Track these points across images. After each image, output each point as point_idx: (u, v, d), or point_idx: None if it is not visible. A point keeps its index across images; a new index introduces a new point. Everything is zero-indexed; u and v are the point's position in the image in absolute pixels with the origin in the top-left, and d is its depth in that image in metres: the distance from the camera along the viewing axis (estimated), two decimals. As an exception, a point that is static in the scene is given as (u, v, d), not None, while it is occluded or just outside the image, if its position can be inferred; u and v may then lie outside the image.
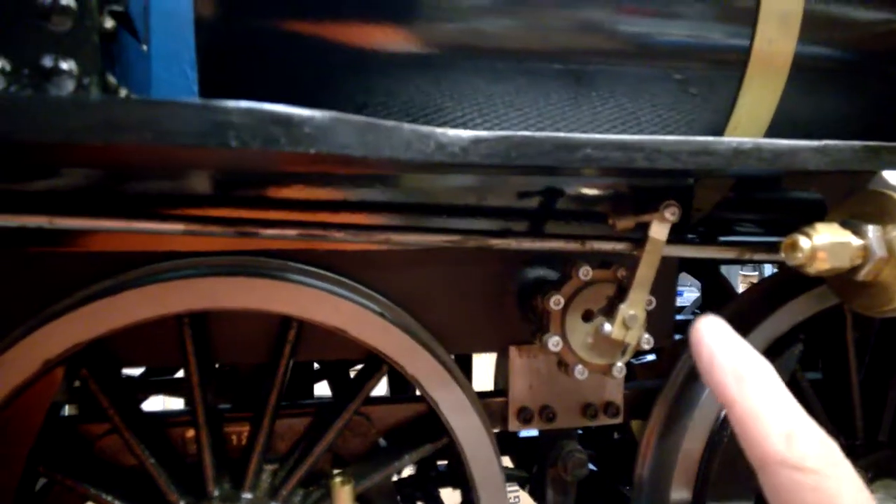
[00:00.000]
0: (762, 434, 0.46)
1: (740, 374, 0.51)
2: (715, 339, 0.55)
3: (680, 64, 1.00)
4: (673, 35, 0.98)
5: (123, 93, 0.64)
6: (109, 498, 0.89)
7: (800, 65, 1.03)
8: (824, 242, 0.78)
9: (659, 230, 0.87)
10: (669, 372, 1.12)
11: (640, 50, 0.98)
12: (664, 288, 1.06)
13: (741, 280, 4.69)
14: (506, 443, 1.46)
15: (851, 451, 1.14)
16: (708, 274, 1.58)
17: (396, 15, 0.87)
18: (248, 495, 0.92)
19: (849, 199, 0.85)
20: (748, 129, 1.07)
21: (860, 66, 1.11)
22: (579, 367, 0.90)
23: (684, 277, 1.67)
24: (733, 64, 1.01)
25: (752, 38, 1.00)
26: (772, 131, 1.07)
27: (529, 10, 0.90)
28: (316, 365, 1.67)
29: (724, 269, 1.73)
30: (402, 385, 1.58)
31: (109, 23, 0.54)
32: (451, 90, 0.93)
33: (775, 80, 1.04)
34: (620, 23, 0.94)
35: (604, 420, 1.10)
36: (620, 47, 0.97)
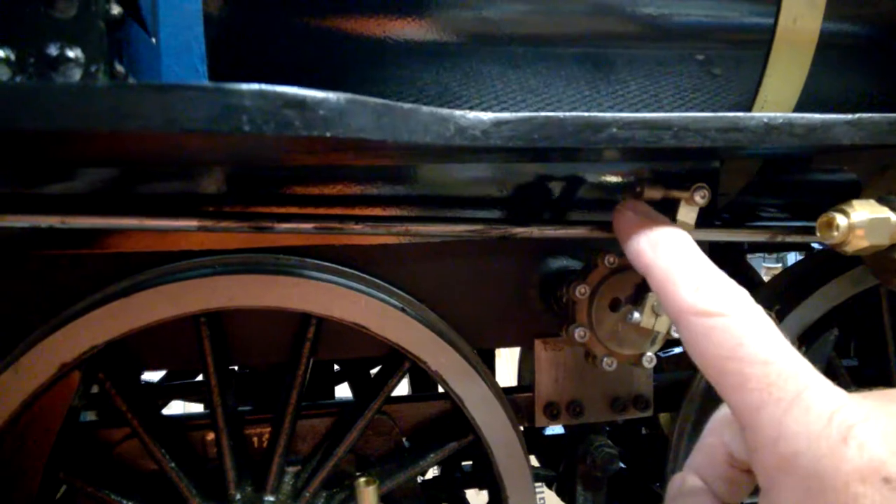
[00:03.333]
0: (674, 289, 0.50)
1: (654, 240, 0.56)
2: (634, 214, 0.60)
3: (702, 44, 0.97)
4: (694, 15, 0.95)
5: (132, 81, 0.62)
6: (129, 503, 0.87)
7: (826, 42, 0.99)
8: (862, 219, 0.74)
9: (687, 213, 0.84)
10: (699, 364, 1.08)
11: (661, 31, 0.95)
12: (692, 274, 1.02)
13: (765, 271, 4.63)
14: (531, 441, 1.44)
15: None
16: (733, 262, 1.54)
17: (411, 3, 0.85)
18: (270, 498, 0.90)
19: (883, 174, 0.82)
20: (774, 109, 1.04)
21: (888, 42, 1.07)
22: (607, 357, 0.87)
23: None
24: (757, 43, 0.98)
25: (776, 16, 0.97)
26: (798, 111, 1.04)
27: (547, -6, 0.88)
28: (336, 367, 1.65)
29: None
30: (424, 385, 1.56)
31: (116, 9, 0.53)
32: (467, 78, 0.91)
33: (801, 59, 1.01)
34: (639, 4, 0.92)
35: (633, 413, 1.07)
36: (640, 29, 0.95)
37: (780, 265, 4.80)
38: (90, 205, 0.81)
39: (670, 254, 0.53)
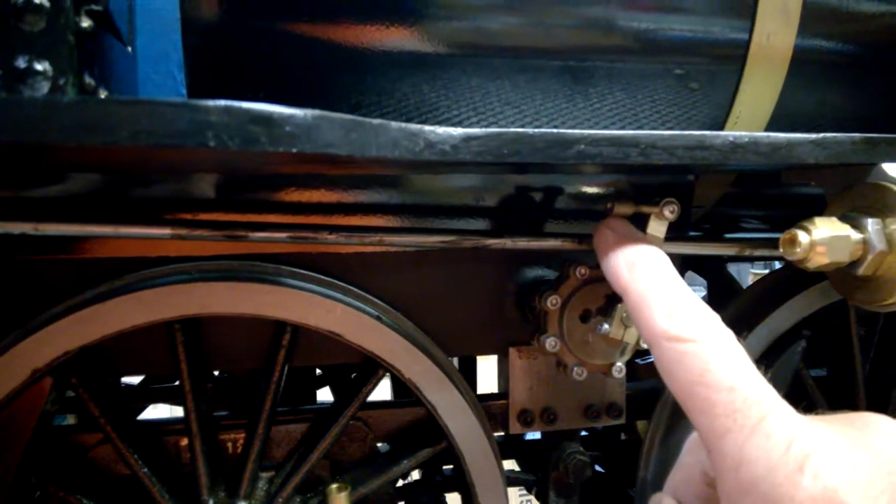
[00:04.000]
0: (649, 313, 0.51)
1: (632, 261, 0.56)
2: (613, 233, 0.60)
3: (681, 59, 0.98)
4: (675, 30, 0.97)
5: (104, 94, 0.63)
6: (103, 508, 0.88)
7: (800, 59, 1.01)
8: (823, 237, 0.76)
9: (657, 227, 0.85)
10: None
11: (640, 45, 0.97)
12: (664, 286, 1.04)
13: (752, 278, 4.67)
14: (513, 446, 1.45)
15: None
16: (713, 271, 1.56)
17: (391, 13, 0.85)
18: (243, 503, 0.90)
19: (848, 192, 0.84)
20: (748, 123, 1.06)
21: (862, 59, 1.09)
22: (577, 367, 0.89)
23: (692, 277, 1.66)
24: (733, 58, 1.00)
25: (751, 32, 0.98)
26: (772, 126, 1.06)
27: (526, 6, 0.89)
28: (318, 371, 1.66)
29: (735, 268, 1.71)
30: (405, 392, 1.57)
31: (87, 22, 0.53)
32: (445, 89, 0.92)
33: (775, 75, 1.03)
34: (620, 18, 0.93)
35: (606, 421, 1.08)
36: (621, 43, 0.96)
37: (767, 271, 4.83)
38: (64, 211, 0.81)
39: (646, 276, 0.54)
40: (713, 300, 1.66)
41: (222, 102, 0.49)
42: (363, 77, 0.89)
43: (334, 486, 0.86)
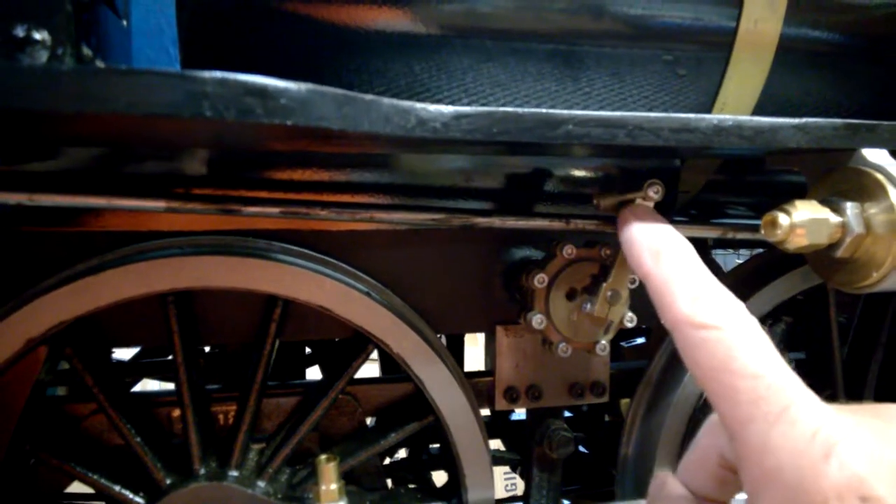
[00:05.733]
0: (672, 299, 0.50)
1: (656, 248, 0.56)
2: (638, 220, 0.60)
3: (670, 45, 1.00)
4: (665, 16, 0.98)
5: (101, 65, 0.63)
6: (95, 476, 0.89)
7: (786, 46, 1.03)
8: (803, 219, 0.78)
9: (642, 208, 0.87)
10: (655, 352, 1.13)
11: (630, 30, 0.98)
12: (649, 267, 1.06)
13: (734, 267, 4.70)
14: (497, 426, 1.48)
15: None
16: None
17: (383, -7, 0.86)
18: (234, 473, 0.92)
19: (829, 176, 0.86)
20: (734, 110, 1.07)
21: (848, 47, 1.11)
22: (563, 344, 0.91)
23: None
24: (720, 45, 1.01)
25: (738, 19, 1.00)
26: (758, 113, 1.08)
27: (518, -10, 0.90)
28: (308, 350, 1.68)
29: (721, 260, 1.74)
30: (394, 369, 1.59)
31: (84, -7, 0.54)
32: (438, 70, 0.93)
33: (761, 62, 1.04)
34: (610, 3, 0.94)
35: (590, 399, 1.11)
36: (611, 27, 0.97)
37: (752, 261, 4.86)
38: (60, 183, 0.82)
39: (670, 264, 0.54)
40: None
41: (218, 74, 0.50)
42: (355, 56, 0.90)
43: (323, 456, 0.88)
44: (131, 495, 0.89)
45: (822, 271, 0.88)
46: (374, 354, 1.05)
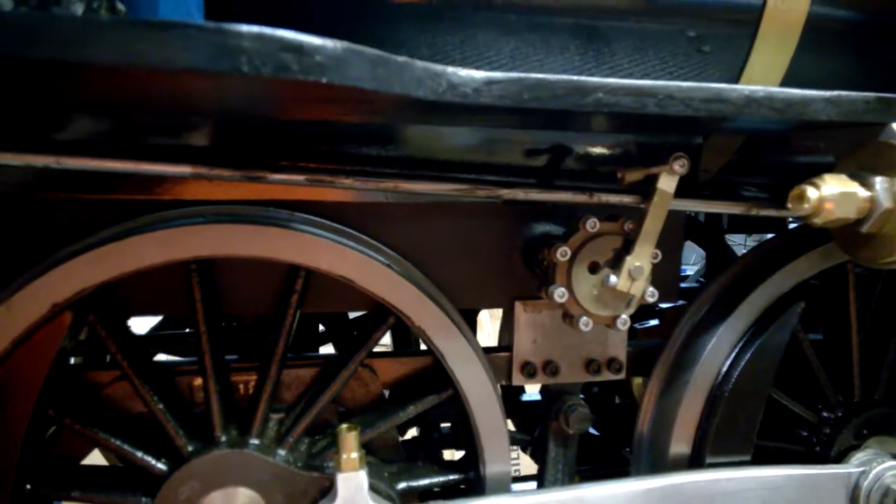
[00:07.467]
0: None
1: None
2: None
3: (693, 21, 0.99)
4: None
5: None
6: (118, 442, 0.90)
7: (813, 24, 1.01)
8: (832, 193, 0.78)
9: (667, 182, 0.87)
10: (671, 331, 1.13)
11: (654, 6, 0.97)
12: (670, 243, 1.06)
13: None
14: (509, 406, 1.48)
15: (849, 409, 1.15)
16: (713, 243, 1.58)
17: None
18: (255, 441, 0.93)
19: (857, 152, 0.85)
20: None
21: (873, 25, 1.09)
22: (584, 318, 0.91)
23: (690, 248, 1.67)
24: (746, 22, 1.00)
25: (765, -3, 0.99)
26: (782, 90, 1.07)
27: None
28: (321, 328, 1.68)
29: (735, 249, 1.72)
30: (406, 343, 1.59)
31: (119, -52, 0.53)
32: (461, 43, 0.92)
33: (787, 40, 1.03)
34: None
35: (607, 375, 1.11)
36: (634, 4, 0.96)
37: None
38: (87, 148, 0.82)
39: None
40: (712, 269, 1.68)
41: (255, 28, 0.50)
42: (379, 26, 0.89)
43: (344, 425, 0.89)
44: (153, 461, 0.90)
45: (847, 247, 0.88)
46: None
